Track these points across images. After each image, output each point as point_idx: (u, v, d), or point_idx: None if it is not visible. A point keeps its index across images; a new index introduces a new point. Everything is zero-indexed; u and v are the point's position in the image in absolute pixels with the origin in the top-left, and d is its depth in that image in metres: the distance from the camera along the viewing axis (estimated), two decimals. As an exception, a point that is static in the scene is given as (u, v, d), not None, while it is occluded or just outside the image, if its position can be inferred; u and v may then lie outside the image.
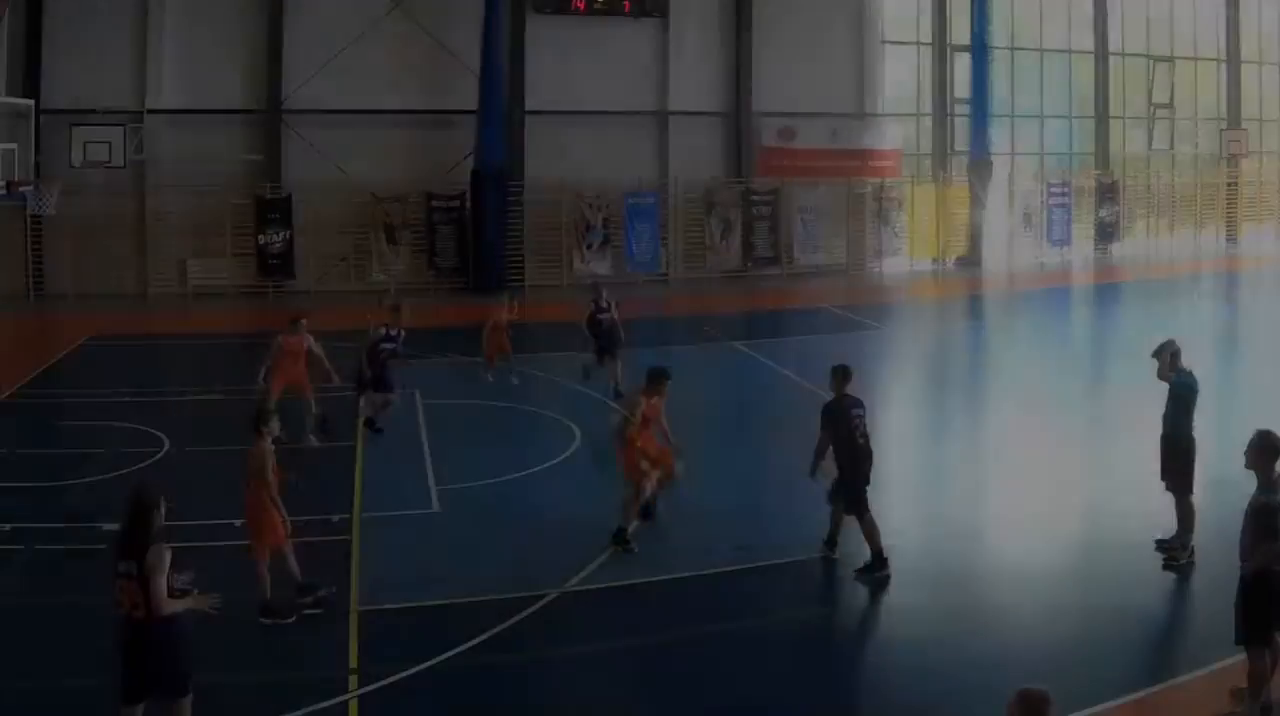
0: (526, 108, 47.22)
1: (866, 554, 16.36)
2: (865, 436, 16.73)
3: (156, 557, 10.72)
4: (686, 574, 16.60)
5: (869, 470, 16.67)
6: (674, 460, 18.23)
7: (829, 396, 17.08)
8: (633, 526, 17.67)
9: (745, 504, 19.90)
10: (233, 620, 13.58)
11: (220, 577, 14.91)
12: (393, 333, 24.96)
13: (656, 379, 18.40)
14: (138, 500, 11.11)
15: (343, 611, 15.13)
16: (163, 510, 11.19)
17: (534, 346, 29.97)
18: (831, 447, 16.54)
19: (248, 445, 15.42)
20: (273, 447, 15.43)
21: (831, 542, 16.98)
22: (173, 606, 10.79)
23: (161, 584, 10.69)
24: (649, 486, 17.81)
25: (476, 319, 30.15)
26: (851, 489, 16.51)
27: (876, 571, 16.30)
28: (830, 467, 16.65)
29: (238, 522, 16.40)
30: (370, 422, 24.62)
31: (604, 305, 27.96)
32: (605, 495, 19.03)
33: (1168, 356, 16.66)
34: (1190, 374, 16.71)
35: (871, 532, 16.40)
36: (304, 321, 23.84)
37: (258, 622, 14.54)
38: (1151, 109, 59.33)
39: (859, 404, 16.92)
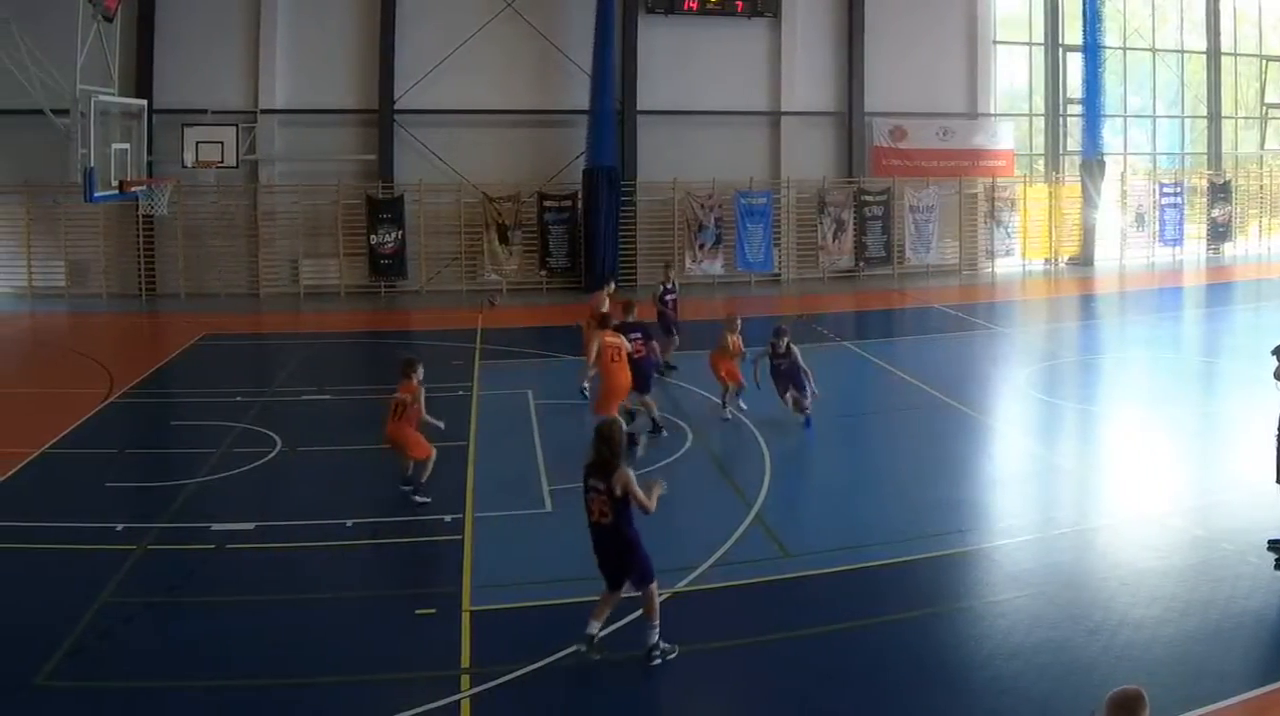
0: (638, 107, 45.01)
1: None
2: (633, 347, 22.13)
3: (626, 476, 12.87)
4: (797, 574, 15.94)
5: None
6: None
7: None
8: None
9: (855, 503, 19.19)
10: (346, 621, 14.42)
11: (330, 577, 15.88)
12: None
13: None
14: (605, 432, 13.24)
15: (455, 611, 14.63)
16: (623, 438, 13.51)
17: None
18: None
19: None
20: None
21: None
22: (651, 503, 12.99)
23: (639, 492, 12.87)
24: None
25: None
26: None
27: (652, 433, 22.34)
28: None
29: (349, 522, 17.56)
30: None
31: (782, 348, 23.19)
32: (717, 495, 19.42)
33: None
34: None
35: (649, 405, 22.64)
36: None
37: (369, 624, 14.42)
38: (1264, 109, 56.13)
39: (637, 328, 22.84)
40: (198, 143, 39.71)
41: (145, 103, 37.63)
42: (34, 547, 16.84)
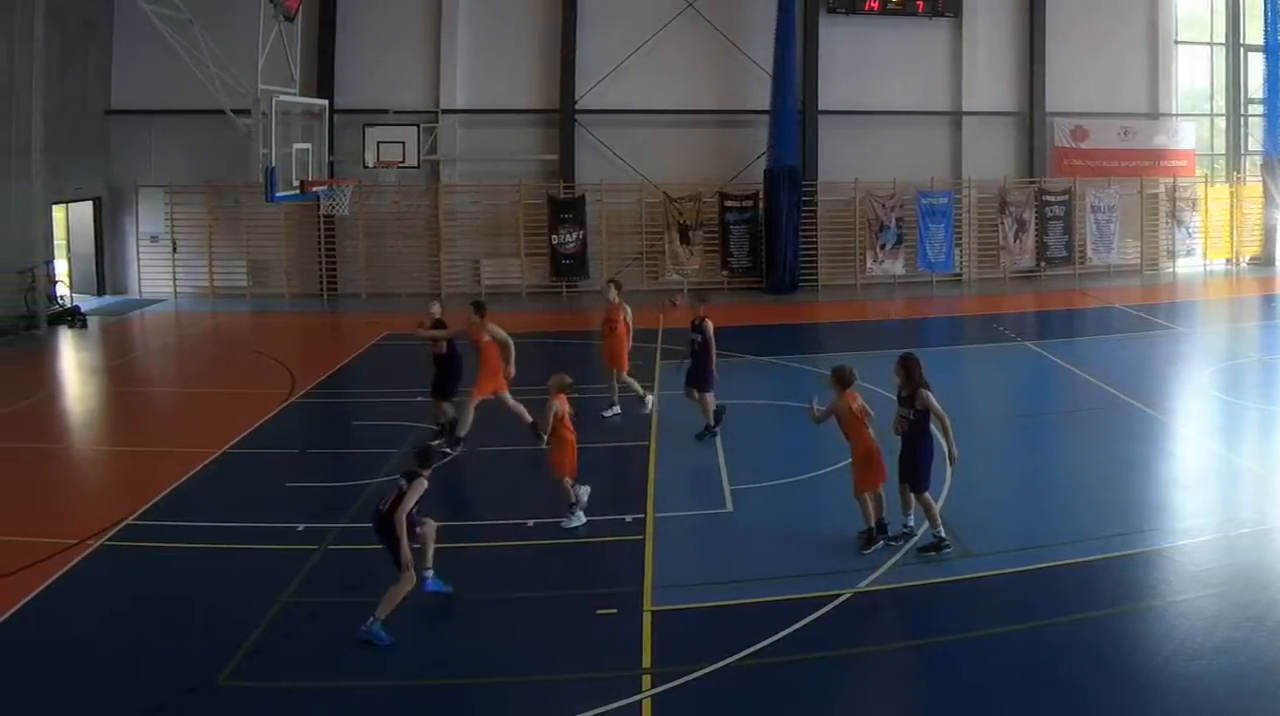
0: (820, 107, 40.63)
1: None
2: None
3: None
4: (979, 574, 14.82)
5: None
6: None
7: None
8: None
9: (1037, 502, 17.95)
10: (527, 620, 13.65)
11: (511, 577, 15.07)
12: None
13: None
14: (910, 362, 14.95)
15: (636, 611, 13.78)
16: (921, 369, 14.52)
17: (828, 346, 28.12)
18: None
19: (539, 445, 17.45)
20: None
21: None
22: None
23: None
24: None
25: (772, 319, 28.13)
26: None
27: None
28: None
29: (530, 523, 16.73)
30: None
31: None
32: (899, 495, 17.24)
33: None
34: None
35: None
36: None
37: (550, 624, 13.69)
38: None
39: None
40: (379, 143, 36.59)
41: (326, 103, 34.01)
42: (216, 547, 16.06)
